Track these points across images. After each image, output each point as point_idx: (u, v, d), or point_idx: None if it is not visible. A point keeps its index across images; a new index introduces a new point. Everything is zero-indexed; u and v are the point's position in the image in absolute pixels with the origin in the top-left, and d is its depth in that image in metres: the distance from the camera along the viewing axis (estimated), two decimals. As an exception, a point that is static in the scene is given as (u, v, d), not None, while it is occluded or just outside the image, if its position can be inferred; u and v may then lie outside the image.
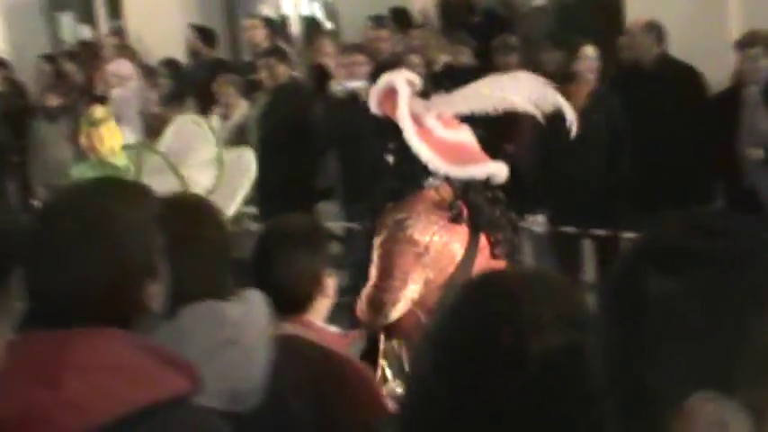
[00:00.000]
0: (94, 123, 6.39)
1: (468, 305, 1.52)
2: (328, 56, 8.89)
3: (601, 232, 6.55)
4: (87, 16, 13.73)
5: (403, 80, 3.60)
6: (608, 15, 8.72)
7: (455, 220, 3.53)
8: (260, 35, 9.76)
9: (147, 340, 1.95)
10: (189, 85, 9.54)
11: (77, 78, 10.79)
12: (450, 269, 3.53)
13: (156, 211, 1.99)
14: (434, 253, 3.50)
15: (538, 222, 6.94)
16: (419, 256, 3.49)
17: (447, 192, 3.57)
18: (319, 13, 11.86)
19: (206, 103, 8.87)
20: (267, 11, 11.98)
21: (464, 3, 9.86)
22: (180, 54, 10.62)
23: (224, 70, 9.26)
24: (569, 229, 6.70)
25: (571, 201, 6.68)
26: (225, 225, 2.64)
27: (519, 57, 7.75)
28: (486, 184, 3.65)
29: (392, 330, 3.63)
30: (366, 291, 3.63)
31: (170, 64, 9.93)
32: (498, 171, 3.64)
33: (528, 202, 6.95)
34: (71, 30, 14.08)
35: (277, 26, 10.87)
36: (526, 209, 6.97)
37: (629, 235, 6.10)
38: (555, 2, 9.72)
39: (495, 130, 4.49)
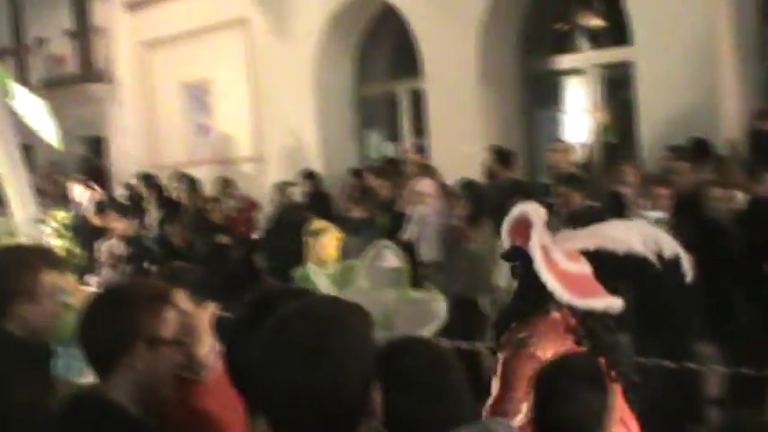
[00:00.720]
0: (313, 234, 7.09)
1: None
2: (628, 184, 8.74)
3: None
4: (393, 134, 14.34)
5: (536, 213, 3.94)
6: None
7: (578, 343, 3.80)
8: (562, 159, 9.80)
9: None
10: (485, 205, 9.64)
11: (381, 193, 11.14)
12: None
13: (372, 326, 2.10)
14: None
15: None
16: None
17: (568, 316, 3.86)
18: (617, 140, 11.76)
19: (501, 224, 8.88)
20: (568, 135, 12.02)
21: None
22: (478, 174, 10.82)
23: (520, 192, 9.28)
24: None
25: None
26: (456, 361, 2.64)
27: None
28: (604, 313, 3.90)
29: None
30: (489, 402, 3.78)
31: (468, 184, 10.10)
32: (614, 304, 3.90)
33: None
34: (378, 146, 14.74)
35: (577, 152, 10.86)
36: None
37: None
38: None
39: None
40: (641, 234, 4.12)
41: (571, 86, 12.50)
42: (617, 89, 11.74)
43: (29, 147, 19.51)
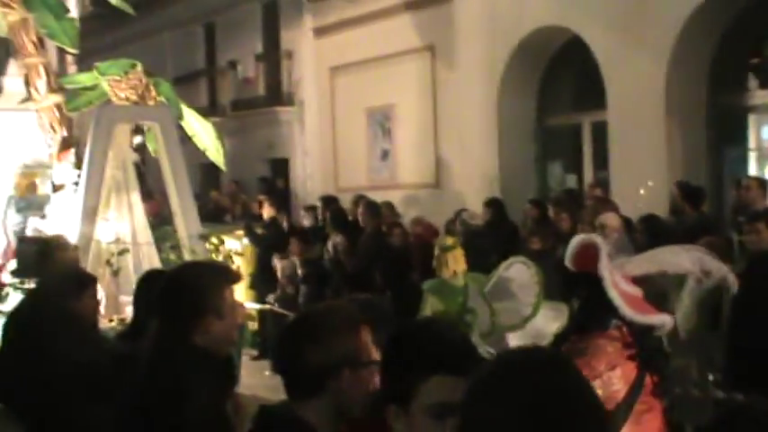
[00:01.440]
0: (444, 249, 7.58)
1: None
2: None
3: None
4: (575, 167, 14.15)
5: (602, 241, 4.46)
6: None
7: (632, 358, 4.17)
8: (757, 196, 9.48)
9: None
10: (664, 242, 9.38)
11: (561, 225, 11.01)
12: (619, 395, 4.12)
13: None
14: (606, 377, 4.12)
15: None
16: (593, 378, 4.03)
17: (626, 334, 4.27)
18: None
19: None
20: (756, 173, 11.60)
21: None
22: (661, 210, 10.55)
23: (707, 228, 9.01)
24: None
25: None
26: None
27: None
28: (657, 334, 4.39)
29: None
30: None
31: (649, 219, 9.86)
32: (667, 322, 4.41)
33: None
34: (559, 178, 14.57)
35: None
36: None
37: None
38: None
39: None
40: (692, 256, 4.63)
41: (761, 123, 12.06)
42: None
43: (212, 166, 20.28)
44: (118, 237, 9.90)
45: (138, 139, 10.05)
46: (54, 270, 5.87)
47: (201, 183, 19.62)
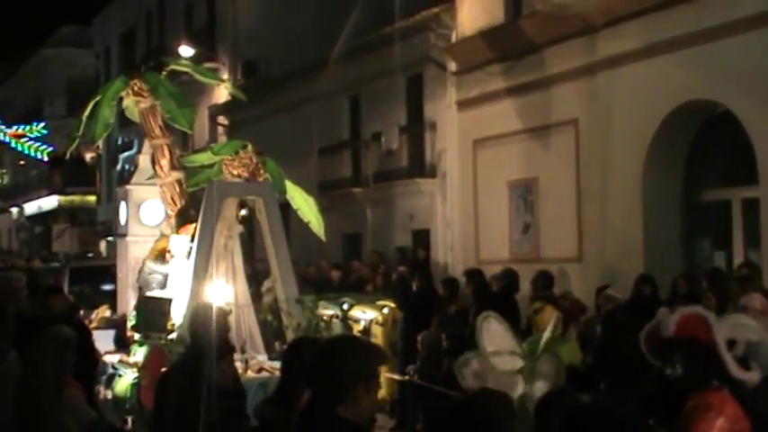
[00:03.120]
0: (534, 312, 9.05)
1: None
2: None
3: None
4: (724, 244, 13.73)
5: (708, 312, 4.92)
6: None
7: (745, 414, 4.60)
8: None
9: None
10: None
11: (708, 304, 10.75)
12: None
13: None
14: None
15: None
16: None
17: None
18: None
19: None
20: None
21: None
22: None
23: None
24: None
25: None
26: None
27: None
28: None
29: None
30: None
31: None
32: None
33: None
34: (707, 255, 14.17)
35: None
36: None
37: None
38: None
39: None
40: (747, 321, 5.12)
41: None
42: None
43: (356, 236, 20.53)
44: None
45: (243, 212, 10.95)
46: (207, 334, 6.19)
47: (344, 253, 19.86)
